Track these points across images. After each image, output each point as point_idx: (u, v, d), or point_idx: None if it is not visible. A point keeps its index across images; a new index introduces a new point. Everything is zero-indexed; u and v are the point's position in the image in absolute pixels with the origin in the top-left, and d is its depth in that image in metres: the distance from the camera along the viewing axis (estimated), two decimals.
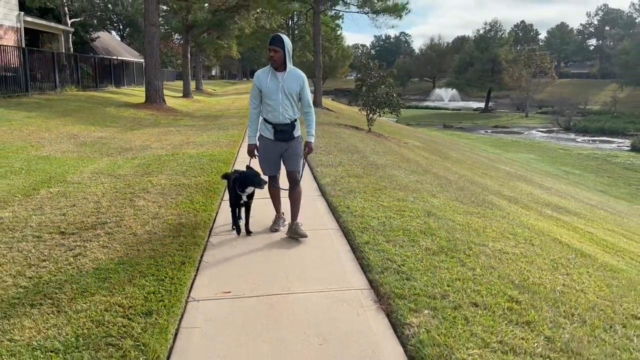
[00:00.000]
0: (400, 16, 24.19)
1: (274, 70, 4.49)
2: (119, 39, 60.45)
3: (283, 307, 3.35)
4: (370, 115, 17.56)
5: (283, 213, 5.14)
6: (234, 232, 4.93)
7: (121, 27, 65.01)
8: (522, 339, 2.84)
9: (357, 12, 26.20)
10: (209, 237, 4.78)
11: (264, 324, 3.10)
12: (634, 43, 64.37)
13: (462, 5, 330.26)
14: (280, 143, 4.67)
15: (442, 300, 3.28)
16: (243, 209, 4.92)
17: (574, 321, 3.15)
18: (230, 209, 4.99)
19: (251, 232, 4.88)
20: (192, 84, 37.72)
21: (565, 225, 7.29)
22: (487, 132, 45.39)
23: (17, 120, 12.29)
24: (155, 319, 3.06)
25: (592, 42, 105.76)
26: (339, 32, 59.63)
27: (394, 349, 2.81)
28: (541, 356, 2.68)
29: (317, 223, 5.26)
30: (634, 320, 3.32)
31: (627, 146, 36.41)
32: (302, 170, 4.84)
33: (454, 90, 78.34)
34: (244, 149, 10.43)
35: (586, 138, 42.41)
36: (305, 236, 4.66)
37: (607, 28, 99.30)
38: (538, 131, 46.86)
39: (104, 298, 3.34)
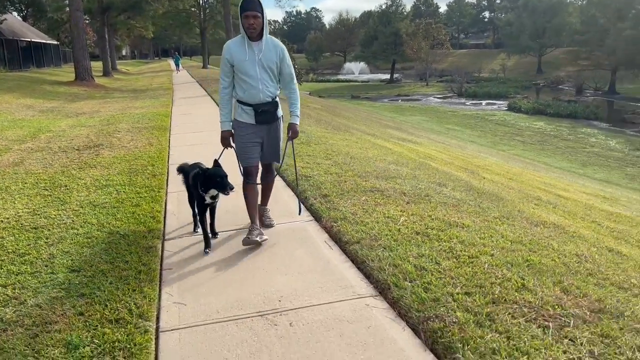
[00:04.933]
0: None
1: (248, 40, 3.82)
2: (21, 20, 59.21)
3: None
4: None
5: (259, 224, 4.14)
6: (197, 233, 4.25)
7: (22, 7, 63.56)
8: (324, 162, 6.55)
9: None
10: (169, 143, 8.15)
11: None
12: (516, 15, 71.69)
13: None
14: (262, 126, 4.01)
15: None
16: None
17: (353, 160, 6.92)
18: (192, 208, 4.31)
19: (217, 234, 4.18)
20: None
21: (395, 144, 11.28)
22: (389, 100, 50.13)
23: None
24: (154, 162, 6.48)
25: (487, 14, 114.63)
26: None
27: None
28: (328, 164, 6.39)
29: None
30: (381, 161, 7.15)
31: (505, 107, 42.32)
32: (283, 156, 4.28)
33: (363, 63, 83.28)
34: (176, 109, 13.66)
35: (474, 102, 48.11)
36: (272, 226, 4.33)
37: (497, 1, 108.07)
38: (435, 97, 52.15)
39: (125, 164, 6.70)
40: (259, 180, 4.22)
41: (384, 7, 73.51)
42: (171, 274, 3.50)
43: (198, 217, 4.07)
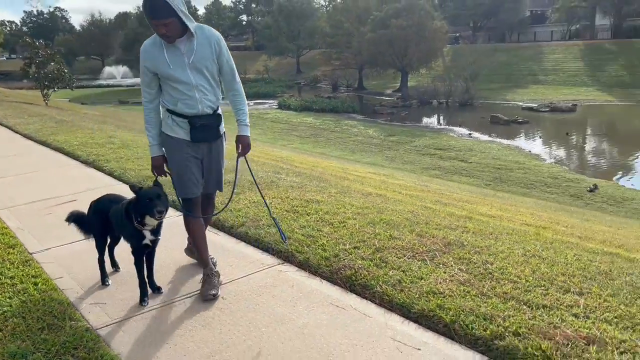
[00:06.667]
0: None
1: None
2: None
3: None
4: (45, 91, 19.10)
5: (215, 262, 3.48)
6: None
7: None
8: None
9: None
10: None
11: None
12: (273, 19, 76.39)
13: None
14: (201, 145, 3.17)
15: None
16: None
17: None
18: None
19: (160, 288, 3.23)
20: None
21: None
22: None
23: None
24: None
25: (245, 17, 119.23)
26: None
27: None
28: None
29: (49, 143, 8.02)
30: None
31: (276, 105, 45.10)
32: (237, 179, 3.63)
33: (125, 67, 79.13)
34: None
35: (247, 102, 50.05)
36: (219, 283, 3.21)
37: (253, 5, 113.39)
38: None
39: None
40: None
41: (141, 8, 70.96)
42: (67, 281, 3.37)
43: (135, 265, 3.08)
